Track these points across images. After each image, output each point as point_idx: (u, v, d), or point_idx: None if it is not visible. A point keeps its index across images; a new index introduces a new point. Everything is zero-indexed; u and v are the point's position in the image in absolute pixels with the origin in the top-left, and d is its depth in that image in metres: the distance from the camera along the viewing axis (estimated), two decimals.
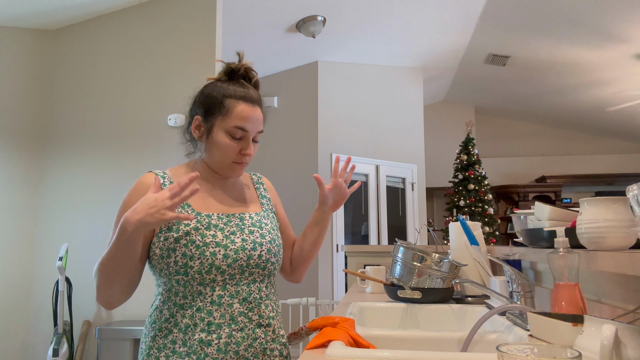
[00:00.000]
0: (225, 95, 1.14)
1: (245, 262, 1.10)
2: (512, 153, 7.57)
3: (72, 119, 3.49)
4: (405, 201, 5.54)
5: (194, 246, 1.06)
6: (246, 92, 1.15)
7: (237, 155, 1.14)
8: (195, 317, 1.05)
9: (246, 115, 1.12)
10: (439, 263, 1.57)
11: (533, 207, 1.33)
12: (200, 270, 1.05)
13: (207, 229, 1.09)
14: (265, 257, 1.13)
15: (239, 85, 1.17)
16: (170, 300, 1.08)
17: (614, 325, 0.63)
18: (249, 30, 4.27)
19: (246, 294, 1.10)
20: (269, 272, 1.15)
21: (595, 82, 5.65)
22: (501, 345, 0.56)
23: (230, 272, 1.08)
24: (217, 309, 1.06)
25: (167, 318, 1.07)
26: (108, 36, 3.53)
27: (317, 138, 4.92)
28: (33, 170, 3.47)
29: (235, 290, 1.09)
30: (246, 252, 1.10)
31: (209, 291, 1.06)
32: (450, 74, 6.22)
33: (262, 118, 1.17)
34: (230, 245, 1.09)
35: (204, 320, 1.05)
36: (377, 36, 4.79)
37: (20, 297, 3.34)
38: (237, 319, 1.07)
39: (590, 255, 0.88)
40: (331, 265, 4.86)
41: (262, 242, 1.14)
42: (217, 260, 1.06)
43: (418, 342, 1.09)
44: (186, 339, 1.05)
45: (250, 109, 1.13)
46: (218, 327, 1.05)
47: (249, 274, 1.11)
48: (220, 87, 1.16)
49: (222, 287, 1.07)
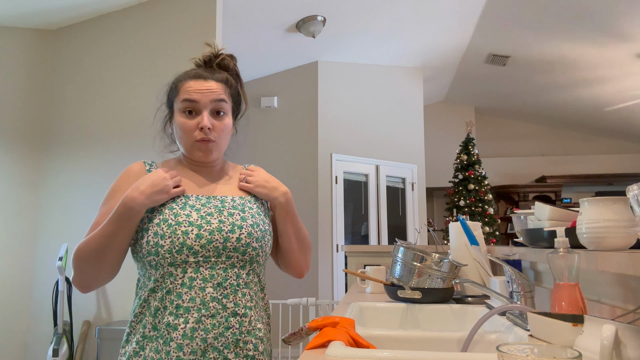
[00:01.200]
0: (178, 79, 1.14)
1: (221, 245, 1.04)
2: (512, 153, 7.57)
3: (72, 119, 3.49)
4: (405, 201, 5.54)
5: (165, 225, 1.03)
6: (198, 71, 1.13)
7: (196, 132, 1.09)
8: (165, 300, 1.01)
9: (193, 88, 1.09)
10: (439, 263, 1.57)
11: (533, 207, 1.33)
12: (170, 249, 1.01)
13: (182, 208, 1.06)
14: (245, 241, 1.06)
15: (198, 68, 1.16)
16: (145, 285, 1.06)
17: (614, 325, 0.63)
18: (249, 30, 4.27)
19: (222, 278, 1.03)
20: (251, 257, 1.08)
21: (595, 82, 5.65)
22: (501, 345, 0.56)
23: (205, 254, 1.03)
24: (187, 291, 1.01)
25: (140, 303, 1.05)
26: (108, 36, 3.53)
27: (317, 138, 4.92)
28: (33, 170, 3.47)
29: (210, 274, 1.03)
30: (223, 233, 1.05)
31: (180, 272, 1.02)
32: (450, 74, 6.22)
33: (217, 87, 1.11)
34: (205, 226, 1.04)
35: (173, 302, 1.00)
36: (377, 36, 4.79)
37: (20, 297, 3.34)
38: (208, 305, 1.01)
39: (590, 255, 0.88)
40: (331, 265, 4.86)
41: (242, 225, 1.07)
42: (188, 239, 1.02)
43: (418, 342, 1.09)
44: (155, 322, 1.01)
45: (198, 83, 1.10)
46: (186, 310, 1.00)
47: (226, 258, 1.05)
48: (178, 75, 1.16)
49: (194, 269, 1.02)
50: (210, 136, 1.09)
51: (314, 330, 1.03)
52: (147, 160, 1.17)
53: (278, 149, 5.05)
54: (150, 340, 1.01)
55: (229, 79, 1.17)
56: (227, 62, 1.19)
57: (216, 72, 1.15)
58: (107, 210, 1.09)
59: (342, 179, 5.06)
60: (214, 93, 1.10)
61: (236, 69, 1.21)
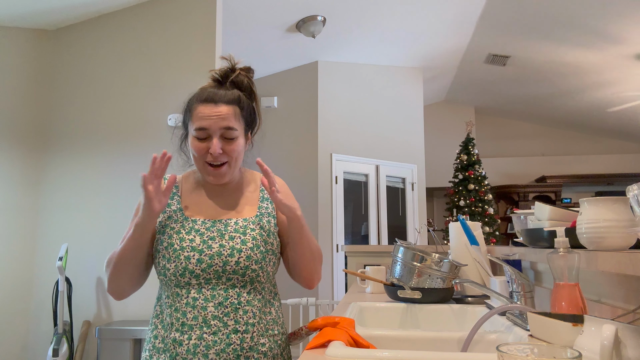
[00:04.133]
0: (192, 101, 1.17)
1: (221, 268, 1.10)
2: (512, 153, 7.57)
3: (72, 119, 3.49)
4: (405, 201, 5.54)
5: (171, 249, 1.12)
6: (210, 92, 1.15)
7: (207, 155, 1.15)
8: (173, 317, 1.10)
9: (203, 114, 1.13)
10: (439, 263, 1.57)
11: (533, 207, 1.33)
12: (175, 273, 1.10)
13: (188, 233, 1.14)
14: (244, 264, 1.11)
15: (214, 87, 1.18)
16: (161, 298, 1.17)
17: (614, 325, 0.63)
18: (249, 30, 4.27)
19: (222, 298, 1.10)
20: (251, 278, 1.13)
21: (595, 82, 5.65)
22: (501, 345, 0.56)
23: (205, 277, 1.10)
24: (191, 310, 1.08)
25: (157, 314, 1.16)
26: (108, 36, 3.53)
27: (317, 138, 4.92)
28: (33, 170, 3.47)
29: (211, 294, 1.10)
30: (222, 257, 1.11)
31: (185, 293, 1.10)
32: (450, 74, 6.22)
33: (227, 113, 1.14)
34: (206, 250, 1.11)
35: (179, 320, 1.09)
36: (377, 36, 4.79)
37: (20, 297, 3.34)
38: (209, 322, 1.08)
39: (590, 255, 0.88)
40: (331, 265, 4.86)
41: (241, 249, 1.12)
42: (190, 264, 1.10)
43: (418, 342, 1.09)
44: (165, 336, 1.10)
45: (208, 108, 1.13)
46: (190, 328, 1.07)
47: (226, 279, 1.11)
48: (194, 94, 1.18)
49: (197, 290, 1.10)
50: (220, 159, 1.15)
51: (314, 330, 1.03)
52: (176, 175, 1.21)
53: (278, 149, 5.05)
54: (158, 352, 1.11)
55: (241, 99, 1.18)
56: (242, 78, 1.21)
57: (229, 91, 1.17)
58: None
59: (342, 179, 5.06)
60: (223, 120, 1.13)
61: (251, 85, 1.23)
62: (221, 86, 1.19)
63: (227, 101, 1.15)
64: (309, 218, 4.85)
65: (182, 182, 1.26)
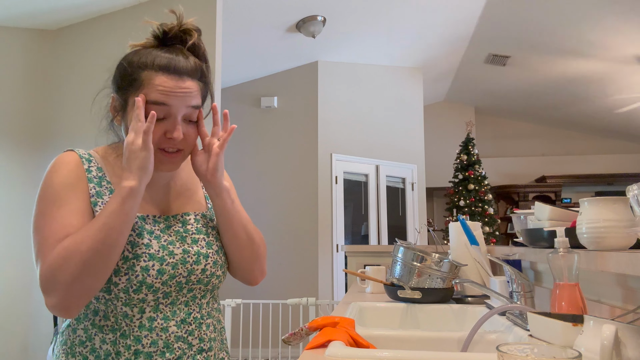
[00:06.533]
0: (141, 66, 0.89)
1: (185, 279, 0.91)
2: (512, 153, 7.57)
3: (72, 119, 3.49)
4: (405, 201, 5.54)
5: (121, 257, 0.85)
6: (170, 59, 0.89)
7: (160, 139, 0.88)
8: (118, 344, 0.86)
9: (165, 88, 0.86)
10: (439, 263, 1.57)
11: (533, 207, 1.33)
12: (126, 288, 0.85)
13: (140, 236, 0.88)
14: (210, 272, 0.94)
15: (165, 51, 0.91)
16: (87, 318, 0.88)
17: (614, 325, 0.63)
18: (249, 30, 4.27)
19: (184, 314, 0.91)
20: (213, 286, 0.96)
21: (595, 82, 5.65)
22: (501, 345, 0.56)
23: (165, 290, 0.89)
24: (148, 334, 0.86)
25: (82, 341, 0.88)
26: (108, 36, 3.54)
27: (317, 138, 4.92)
28: (33, 170, 3.47)
29: (171, 310, 0.89)
30: (187, 266, 0.91)
31: (137, 313, 0.87)
32: (450, 74, 6.22)
33: (194, 89, 0.90)
34: (167, 259, 0.89)
35: (130, 348, 0.85)
36: (377, 36, 4.79)
37: (20, 297, 3.35)
38: (172, 346, 0.88)
39: (590, 255, 0.88)
40: (331, 265, 4.86)
41: (207, 254, 0.94)
42: (148, 277, 0.86)
43: (418, 342, 1.09)
44: None
45: (171, 80, 0.87)
46: (148, 357, 0.86)
47: (187, 291, 0.92)
48: (140, 54, 0.91)
49: (153, 307, 0.88)
50: (178, 146, 0.90)
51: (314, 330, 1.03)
52: (80, 151, 0.95)
53: (278, 149, 5.05)
54: None
55: (203, 72, 0.94)
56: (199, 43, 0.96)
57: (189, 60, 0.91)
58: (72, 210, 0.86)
59: (342, 179, 5.06)
60: (190, 97, 0.89)
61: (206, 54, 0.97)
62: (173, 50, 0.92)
63: (191, 74, 0.90)
64: (309, 218, 4.85)
65: (102, 164, 0.95)
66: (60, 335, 0.92)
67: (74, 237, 0.81)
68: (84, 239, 0.80)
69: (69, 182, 0.89)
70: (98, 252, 0.80)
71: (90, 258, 0.79)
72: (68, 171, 0.90)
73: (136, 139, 0.84)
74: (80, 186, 0.89)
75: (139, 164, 0.84)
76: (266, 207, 4.97)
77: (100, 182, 0.92)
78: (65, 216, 0.85)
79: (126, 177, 0.84)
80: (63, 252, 0.80)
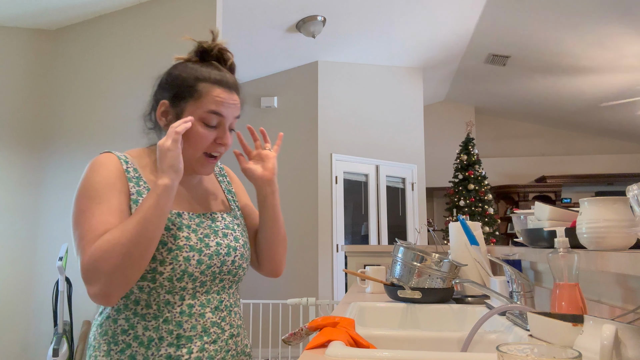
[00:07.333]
0: (199, 78, 1.01)
1: (218, 269, 1.01)
2: (512, 153, 7.57)
3: (72, 119, 3.49)
4: (405, 201, 5.54)
5: (165, 249, 0.94)
6: (222, 75, 1.02)
7: (211, 145, 1.01)
8: (161, 330, 0.94)
9: (222, 99, 1.00)
10: (439, 263, 1.57)
11: (533, 207, 1.33)
12: (171, 277, 0.94)
13: (180, 229, 0.98)
14: (238, 263, 1.05)
15: (212, 67, 1.04)
16: (128, 309, 0.96)
17: (614, 325, 0.63)
18: (249, 30, 4.27)
19: (217, 302, 1.01)
20: (239, 278, 1.08)
21: (595, 82, 5.65)
22: (501, 345, 0.56)
23: (202, 279, 0.99)
24: (188, 320, 0.96)
25: (124, 329, 0.95)
26: (108, 36, 3.53)
27: (317, 138, 4.92)
28: (33, 170, 3.47)
29: (206, 298, 0.99)
30: (220, 257, 1.01)
31: (178, 300, 0.96)
32: (450, 74, 6.22)
33: (238, 103, 1.04)
34: (204, 250, 0.99)
35: (172, 333, 0.94)
36: (377, 36, 4.79)
37: (20, 297, 3.34)
38: (209, 331, 0.98)
39: (590, 255, 0.88)
40: (331, 265, 4.86)
41: (236, 247, 1.05)
42: (190, 266, 0.96)
43: (418, 342, 1.09)
44: (149, 354, 0.93)
45: (225, 93, 1.01)
46: (188, 340, 0.95)
47: (219, 281, 1.02)
48: (191, 68, 1.03)
49: (192, 295, 0.97)
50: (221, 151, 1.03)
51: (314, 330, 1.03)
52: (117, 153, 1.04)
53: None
54: None
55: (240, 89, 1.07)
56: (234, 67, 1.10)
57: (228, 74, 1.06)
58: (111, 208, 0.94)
59: (342, 179, 5.06)
60: (237, 109, 1.03)
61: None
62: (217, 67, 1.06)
63: (237, 89, 1.04)
64: (309, 218, 4.85)
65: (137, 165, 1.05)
66: (99, 327, 0.98)
67: (115, 231, 0.89)
68: (124, 232, 0.88)
69: (108, 182, 0.97)
70: (137, 244, 0.88)
71: (130, 249, 0.87)
72: (107, 171, 0.98)
73: (167, 140, 0.94)
74: (118, 185, 0.98)
75: (168, 162, 0.93)
76: None
77: (138, 182, 1.01)
78: (104, 213, 0.93)
79: (160, 176, 0.93)
80: (105, 245, 0.87)
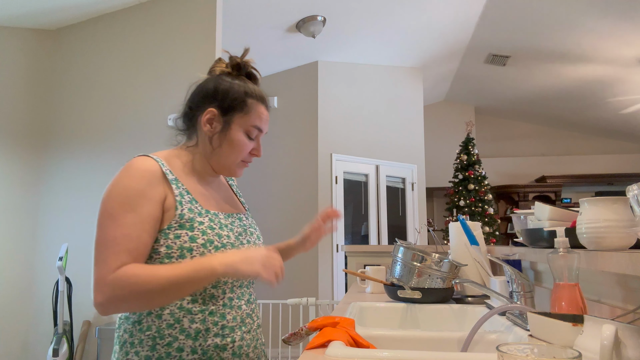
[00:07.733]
0: (248, 94, 1.12)
1: None
2: (512, 153, 7.57)
3: (72, 119, 3.49)
4: (405, 201, 5.54)
5: (212, 247, 1.01)
6: (263, 93, 1.16)
7: (247, 155, 1.14)
8: (207, 322, 1.00)
9: (264, 116, 1.14)
10: (439, 263, 1.57)
11: (533, 207, 1.33)
12: None
13: (221, 228, 1.05)
14: None
15: (251, 84, 1.16)
16: (174, 304, 1.00)
17: (614, 325, 0.63)
18: (249, 30, 4.27)
19: (248, 295, 1.10)
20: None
21: (595, 82, 5.65)
22: (501, 345, 0.56)
23: None
24: (230, 311, 1.04)
25: (170, 324, 0.98)
26: (108, 36, 3.53)
27: (317, 138, 4.92)
28: (33, 170, 3.47)
29: (241, 292, 1.08)
30: None
31: (221, 294, 1.04)
32: (450, 74, 6.22)
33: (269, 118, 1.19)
34: (240, 247, 1.08)
35: (218, 324, 1.01)
36: (377, 36, 4.79)
37: (20, 297, 3.34)
38: (245, 321, 1.07)
39: (590, 255, 0.88)
40: (331, 265, 4.86)
41: (260, 245, 1.15)
42: None
43: (418, 342, 1.09)
44: (196, 345, 0.98)
45: (266, 110, 1.15)
46: (231, 330, 1.03)
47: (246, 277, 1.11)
48: (238, 84, 1.13)
49: (230, 289, 1.06)
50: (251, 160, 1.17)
51: (314, 330, 1.03)
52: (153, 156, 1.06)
53: (278, 149, 5.05)
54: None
55: None
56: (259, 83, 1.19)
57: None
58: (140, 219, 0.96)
59: (342, 179, 5.06)
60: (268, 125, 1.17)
61: None
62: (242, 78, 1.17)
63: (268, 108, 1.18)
64: (309, 218, 4.85)
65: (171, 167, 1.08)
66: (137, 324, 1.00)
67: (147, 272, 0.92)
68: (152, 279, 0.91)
69: (140, 188, 0.98)
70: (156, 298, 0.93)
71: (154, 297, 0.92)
72: (141, 177, 0.99)
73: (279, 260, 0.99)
74: (151, 193, 0.99)
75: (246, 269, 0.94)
76: (266, 207, 4.97)
77: (177, 184, 1.05)
78: (130, 225, 0.95)
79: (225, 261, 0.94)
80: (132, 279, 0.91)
